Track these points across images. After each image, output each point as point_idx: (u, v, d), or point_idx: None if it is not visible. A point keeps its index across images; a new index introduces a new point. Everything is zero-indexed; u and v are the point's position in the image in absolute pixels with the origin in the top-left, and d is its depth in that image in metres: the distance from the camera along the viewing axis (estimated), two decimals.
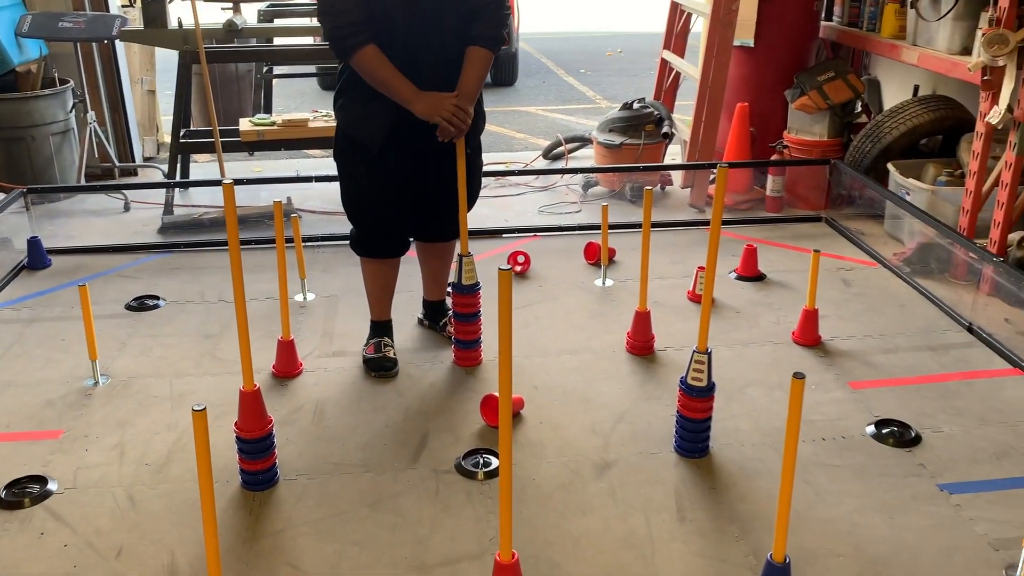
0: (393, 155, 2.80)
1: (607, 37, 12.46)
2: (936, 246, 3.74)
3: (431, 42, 2.66)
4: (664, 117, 4.96)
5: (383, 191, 2.87)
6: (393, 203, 2.91)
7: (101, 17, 4.81)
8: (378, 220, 2.95)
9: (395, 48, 2.64)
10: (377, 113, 2.72)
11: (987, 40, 3.38)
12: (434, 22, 2.65)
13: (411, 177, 2.88)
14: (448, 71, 2.71)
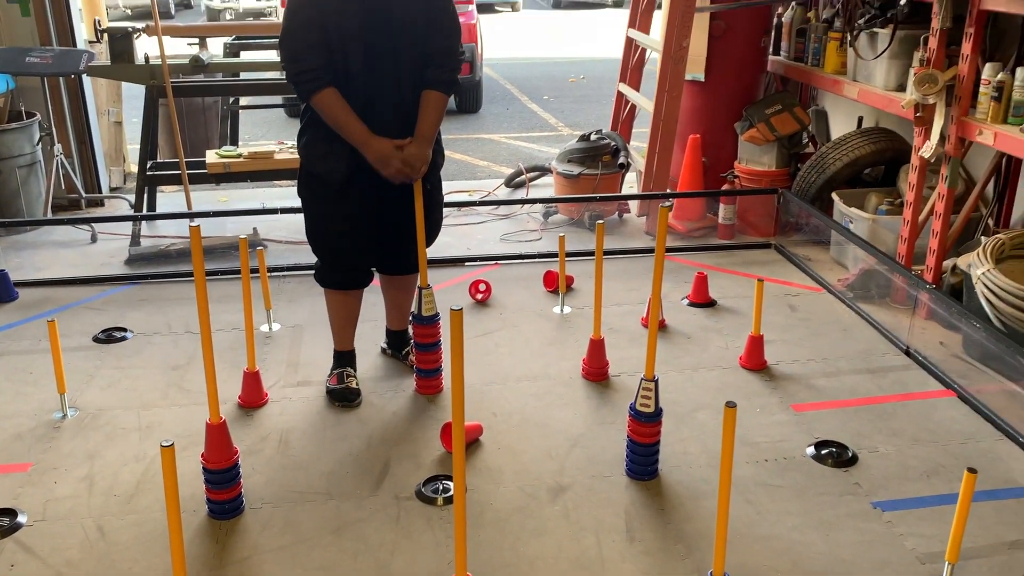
0: (354, 191, 2.93)
1: (571, 63, 12.69)
2: (877, 272, 3.93)
3: (387, 85, 2.81)
4: (620, 148, 5.13)
5: (345, 225, 2.99)
6: (355, 237, 3.02)
7: (68, 52, 4.89)
8: (340, 253, 3.06)
9: (353, 90, 2.78)
10: (338, 150, 2.85)
11: (918, 79, 3.59)
12: (390, 67, 2.79)
13: (373, 212, 3.01)
14: (404, 112, 2.85)
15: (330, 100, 2.75)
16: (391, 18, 2.75)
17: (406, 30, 2.77)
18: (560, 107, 9.48)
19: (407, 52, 2.79)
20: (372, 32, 2.74)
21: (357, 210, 2.97)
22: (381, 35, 2.75)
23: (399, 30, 2.76)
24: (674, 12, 4.60)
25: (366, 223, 3.01)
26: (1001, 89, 3.34)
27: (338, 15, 2.71)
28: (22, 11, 5.06)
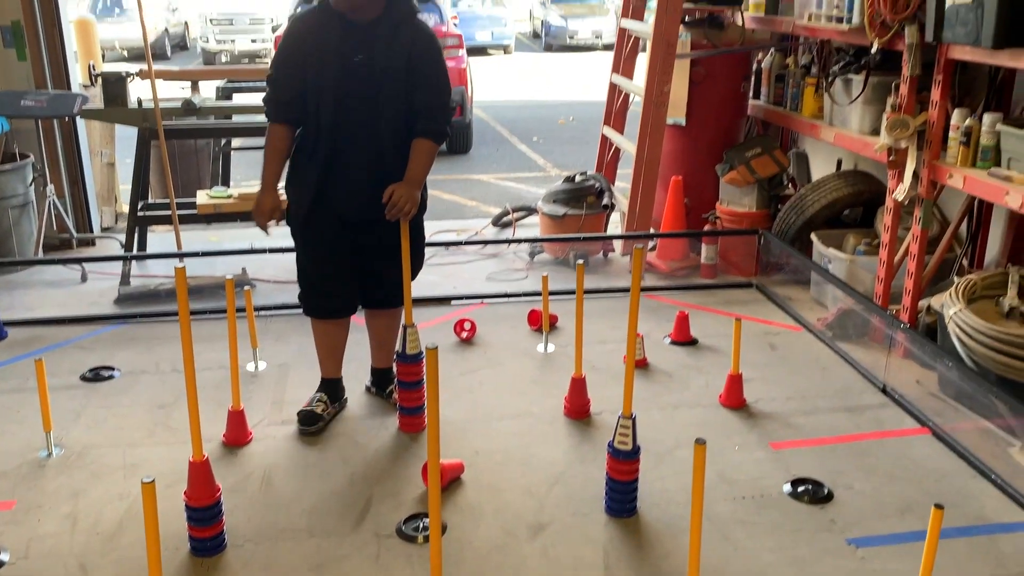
0: (318, 222, 3.07)
1: (561, 105, 12.88)
2: (855, 312, 4.00)
3: (361, 135, 2.95)
4: (605, 189, 5.23)
5: (315, 255, 3.15)
6: (325, 267, 3.16)
7: (62, 95, 4.98)
8: (314, 281, 3.21)
9: (322, 134, 2.95)
10: (305, 182, 3.02)
11: (890, 125, 3.70)
12: (366, 118, 2.93)
13: (341, 244, 3.13)
14: (380, 162, 2.97)
15: (272, 134, 3.00)
16: (371, 72, 2.88)
17: (386, 84, 2.90)
18: (549, 148, 9.61)
19: (386, 105, 2.92)
20: (348, 84, 2.89)
21: (322, 241, 3.11)
22: (358, 87, 2.89)
23: (378, 84, 2.90)
24: (655, 58, 4.72)
25: (335, 255, 3.13)
26: (969, 134, 3.45)
27: (318, 63, 2.88)
28: (18, 56, 5.16)
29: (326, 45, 2.88)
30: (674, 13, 4.69)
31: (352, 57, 2.88)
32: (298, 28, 2.98)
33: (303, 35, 2.94)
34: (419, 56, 2.92)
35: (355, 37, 2.89)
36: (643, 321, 4.18)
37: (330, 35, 2.89)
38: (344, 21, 2.90)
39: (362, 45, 2.89)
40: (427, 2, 9.77)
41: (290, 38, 2.98)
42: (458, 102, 8.75)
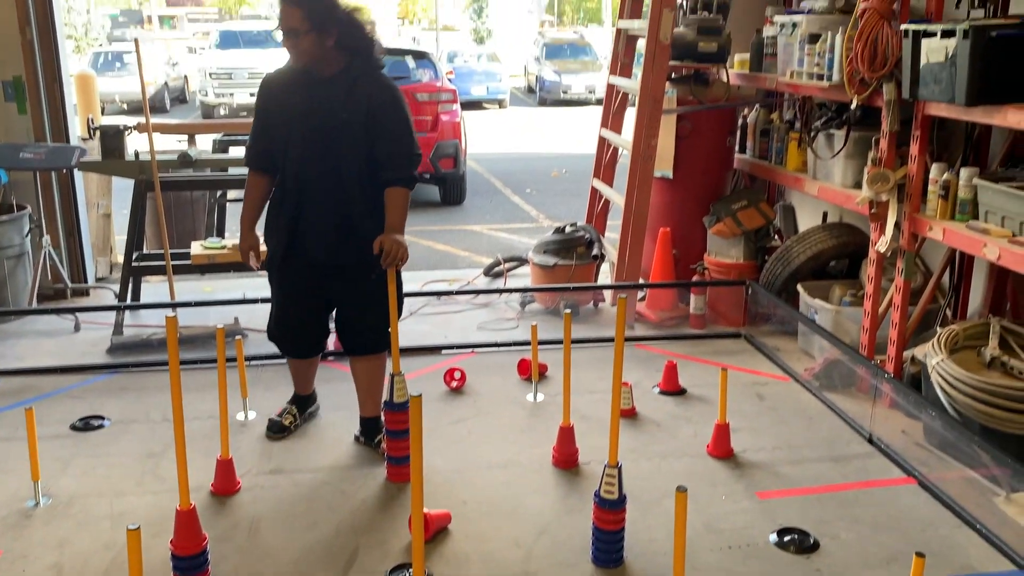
0: (290, 268, 3.29)
1: (554, 158, 13.06)
2: (841, 363, 4.04)
3: (325, 179, 3.14)
4: (594, 240, 5.30)
5: (285, 299, 3.39)
6: (293, 311, 3.38)
7: (61, 148, 5.07)
8: (281, 323, 3.44)
9: (288, 180, 3.19)
10: (277, 229, 3.26)
11: (871, 178, 3.78)
12: (331, 164, 3.13)
13: (311, 290, 3.32)
14: (346, 205, 3.15)
15: (249, 181, 3.30)
16: (331, 125, 3.10)
17: (345, 136, 3.11)
18: (542, 200, 9.74)
19: (348, 155, 3.12)
20: (310, 136, 3.12)
21: (294, 286, 3.34)
22: (320, 139, 3.11)
23: (338, 135, 3.11)
24: (642, 114, 4.84)
25: (306, 299, 3.35)
26: (948, 188, 3.53)
27: (282, 118, 3.16)
28: (19, 109, 5.26)
29: (290, 100, 3.13)
30: (660, 70, 4.82)
31: (314, 111, 3.10)
32: (267, 85, 3.25)
33: (271, 91, 3.21)
34: (379, 108, 3.09)
35: (317, 92, 3.11)
36: (632, 370, 4.22)
37: (294, 91, 3.14)
38: (308, 77, 3.12)
39: (323, 99, 3.10)
40: (422, 58, 9.98)
41: (260, 94, 3.25)
42: (452, 153, 8.90)
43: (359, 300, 3.28)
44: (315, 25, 3.02)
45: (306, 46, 3.05)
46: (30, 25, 5.18)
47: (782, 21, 4.59)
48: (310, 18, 3.01)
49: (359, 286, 3.24)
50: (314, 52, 3.06)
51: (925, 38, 3.37)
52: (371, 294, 3.20)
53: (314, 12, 3.02)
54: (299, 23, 3.01)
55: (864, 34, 3.65)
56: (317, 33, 3.03)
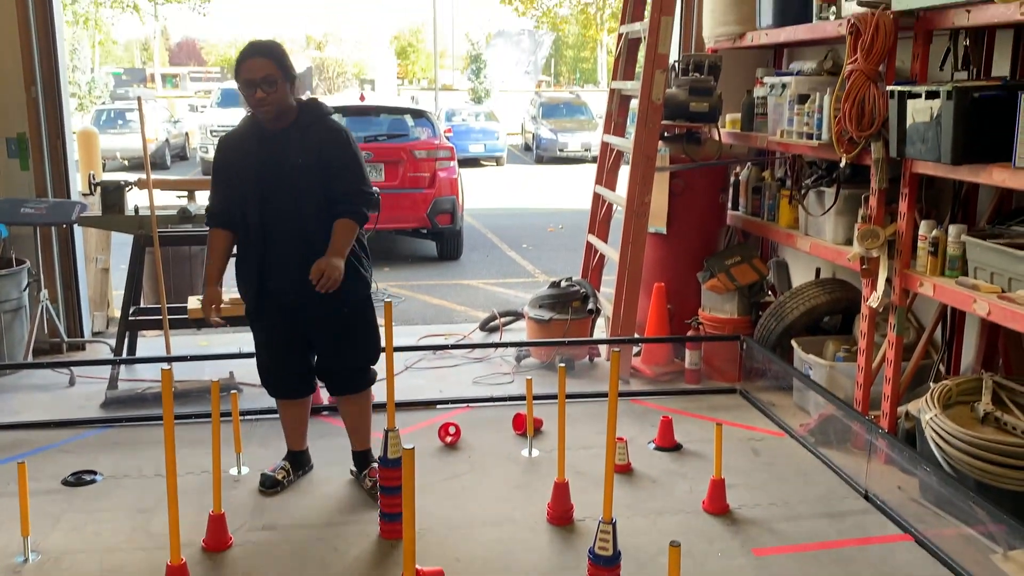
0: (264, 313, 3.45)
1: (551, 213, 13.19)
2: (836, 418, 4.04)
3: (285, 220, 3.30)
4: (590, 294, 5.34)
5: (266, 343, 3.53)
6: (275, 353, 3.51)
7: (62, 203, 5.13)
8: (268, 366, 3.57)
9: (252, 224, 3.33)
10: (248, 278, 3.41)
11: (861, 235, 3.84)
12: (289, 206, 3.30)
13: (287, 332, 3.46)
14: (307, 243, 3.29)
15: (212, 238, 3.43)
16: (287, 171, 3.28)
17: (302, 180, 3.28)
18: (539, 255, 9.80)
19: (306, 198, 3.29)
20: (268, 184, 3.29)
21: (270, 330, 3.49)
22: (278, 186, 3.29)
23: (295, 180, 3.28)
24: (636, 171, 4.92)
25: (284, 342, 3.48)
26: (937, 244, 3.58)
27: (240, 171, 3.32)
28: (22, 165, 5.33)
29: (247, 154, 3.32)
30: (653, 129, 4.92)
31: (271, 159, 3.28)
32: (225, 144, 3.44)
33: (227, 149, 3.41)
34: (330, 151, 3.30)
35: (272, 143, 3.30)
36: (628, 426, 4.21)
37: (250, 145, 3.33)
38: (262, 130, 3.32)
39: (278, 149, 3.29)
40: (421, 117, 10.15)
41: (218, 154, 3.44)
42: (450, 209, 8.99)
43: (334, 340, 3.45)
44: (285, 74, 3.24)
45: (281, 94, 3.23)
46: (35, 83, 5.28)
47: (772, 82, 4.70)
48: (280, 67, 3.23)
49: (332, 325, 3.41)
50: (285, 100, 3.26)
51: (910, 99, 3.45)
52: (345, 333, 3.42)
53: (281, 61, 3.25)
54: (274, 71, 3.21)
55: (851, 95, 3.74)
56: (286, 81, 3.25)
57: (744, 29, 5.05)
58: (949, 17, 3.36)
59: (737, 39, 5.13)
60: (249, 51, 3.24)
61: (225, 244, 3.43)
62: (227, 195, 3.38)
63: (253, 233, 3.34)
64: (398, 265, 9.12)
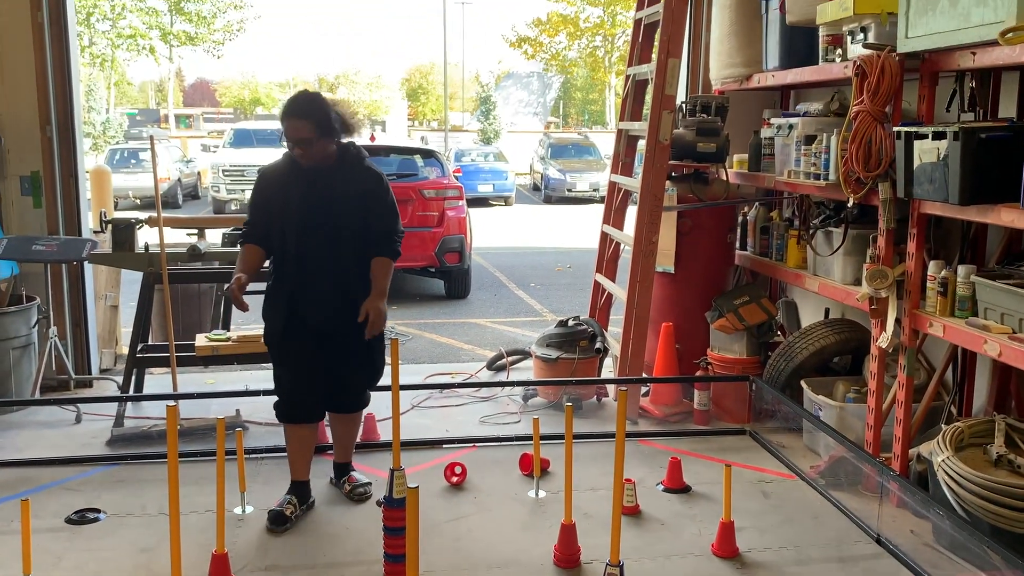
0: (292, 336, 3.62)
1: (559, 252, 13.23)
2: (846, 460, 3.99)
3: (322, 251, 3.54)
4: (597, 333, 5.32)
5: (290, 367, 3.68)
6: (299, 377, 3.66)
7: (73, 241, 5.17)
8: (288, 390, 3.70)
9: (288, 252, 3.56)
10: (277, 307, 3.62)
11: (869, 275, 3.82)
12: (326, 238, 3.53)
13: (313, 355, 3.63)
14: (342, 273, 3.57)
15: (245, 252, 3.63)
16: (331, 207, 3.54)
17: (342, 211, 3.55)
18: (546, 294, 9.81)
19: (345, 232, 3.56)
20: (311, 218, 3.54)
21: (295, 356, 3.65)
22: (321, 220, 3.53)
23: (338, 216, 3.54)
24: (643, 210, 4.93)
25: (308, 366, 3.65)
26: (946, 285, 3.56)
27: (283, 204, 3.55)
28: (35, 203, 5.39)
29: (290, 190, 3.55)
30: (661, 169, 4.94)
31: (314, 198, 3.52)
32: (266, 177, 3.68)
33: (269, 182, 3.64)
34: (371, 192, 3.61)
35: (316, 181, 3.55)
36: (636, 467, 4.17)
37: (293, 181, 3.56)
38: (304, 169, 3.56)
39: (322, 188, 3.54)
40: (430, 157, 10.24)
41: (260, 185, 3.67)
42: (458, 248, 9.02)
43: (355, 364, 3.70)
44: (322, 133, 3.48)
45: (317, 151, 3.51)
46: (50, 123, 5.35)
47: (779, 123, 4.72)
48: (318, 127, 3.47)
49: (353, 347, 3.62)
50: (322, 155, 3.54)
51: (917, 139, 3.46)
52: (365, 359, 3.71)
53: (320, 122, 3.48)
54: (309, 133, 3.46)
55: (858, 136, 3.75)
56: (324, 139, 3.50)
57: (751, 71, 5.09)
58: (955, 59, 3.38)
59: (744, 81, 5.17)
60: (290, 111, 3.49)
61: (257, 258, 3.63)
62: (264, 222, 3.60)
63: (290, 263, 3.57)
64: (406, 303, 9.13)
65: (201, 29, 34.56)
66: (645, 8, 5.50)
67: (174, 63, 37.78)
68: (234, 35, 35.32)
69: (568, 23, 36.87)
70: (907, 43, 3.52)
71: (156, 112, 46.58)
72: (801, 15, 4.40)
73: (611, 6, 35.59)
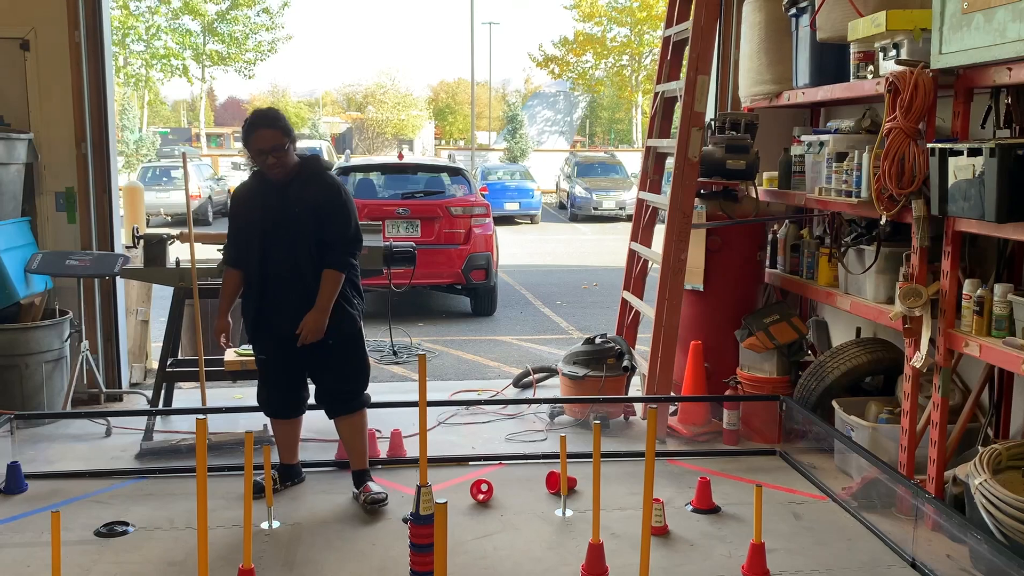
0: (260, 340, 3.94)
1: (585, 270, 13.20)
2: (879, 482, 3.91)
3: (283, 264, 3.77)
4: (625, 351, 5.28)
5: (263, 366, 4.00)
6: (269, 376, 3.99)
7: (105, 256, 5.23)
8: (264, 387, 4.05)
9: (254, 267, 3.82)
10: (248, 309, 3.90)
11: (903, 293, 3.77)
12: (286, 251, 3.76)
13: (280, 358, 3.91)
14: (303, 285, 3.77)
15: (226, 278, 3.97)
16: (287, 217, 3.74)
17: (299, 225, 3.74)
18: (572, 312, 9.78)
19: (301, 241, 3.75)
20: (270, 228, 3.76)
21: (266, 355, 3.94)
22: (278, 230, 3.76)
23: (293, 225, 3.73)
24: (672, 228, 4.90)
25: (277, 366, 3.94)
26: (982, 304, 3.50)
27: (247, 216, 3.84)
28: (69, 219, 5.48)
29: (255, 204, 3.81)
30: (689, 186, 4.92)
31: (273, 209, 3.75)
32: (237, 195, 3.96)
33: (240, 200, 3.91)
34: (324, 202, 3.77)
35: (275, 194, 3.77)
36: (664, 487, 4.12)
37: (257, 196, 3.82)
38: (267, 184, 3.80)
39: (280, 199, 3.76)
40: (457, 174, 10.29)
41: (232, 204, 3.99)
42: (484, 265, 9.03)
43: (326, 368, 3.91)
44: (290, 138, 3.76)
45: (287, 158, 3.75)
46: (86, 140, 5.44)
47: (809, 140, 4.69)
48: (286, 134, 3.74)
49: (322, 355, 3.84)
50: (290, 161, 3.76)
51: (952, 156, 3.41)
52: (335, 362, 3.89)
53: (286, 128, 3.77)
54: (281, 139, 3.71)
55: (891, 152, 3.71)
56: (291, 144, 3.77)
57: (780, 88, 5.06)
58: (989, 75, 3.34)
59: (774, 98, 5.15)
60: (257, 123, 3.74)
61: (236, 282, 3.94)
62: (237, 240, 3.89)
63: (254, 273, 3.82)
64: (432, 320, 9.14)
65: (233, 49, 35.11)
66: (674, 26, 5.49)
67: (206, 83, 38.37)
68: (265, 56, 35.82)
69: (595, 43, 36.98)
70: (941, 59, 3.48)
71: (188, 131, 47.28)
72: (832, 32, 4.37)
73: (638, 25, 35.65)
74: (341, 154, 29.50)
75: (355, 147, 43.92)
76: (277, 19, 35.08)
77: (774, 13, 5.03)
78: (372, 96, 49.89)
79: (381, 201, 9.33)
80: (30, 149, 5.33)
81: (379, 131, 47.76)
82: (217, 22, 34.30)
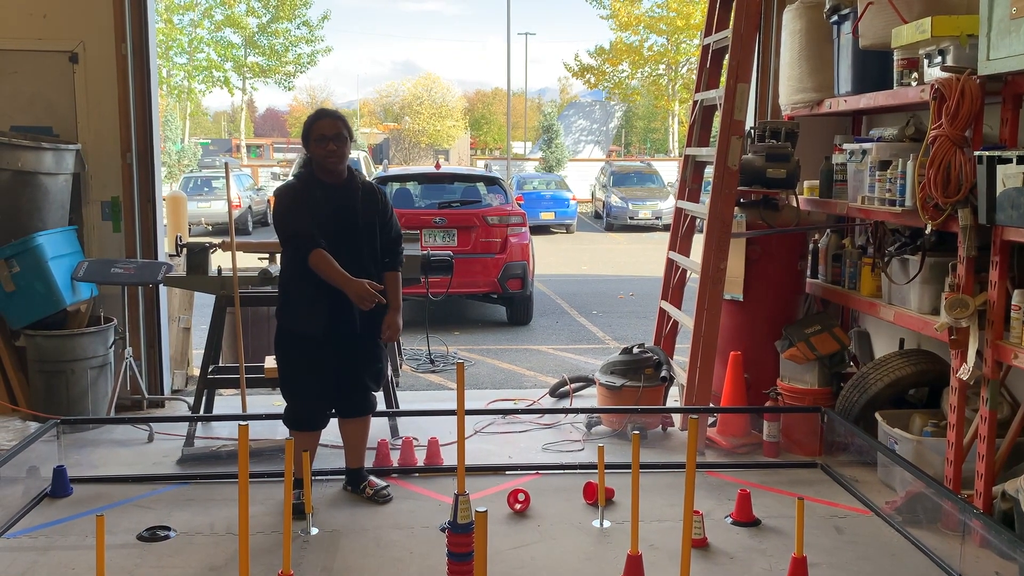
0: (331, 340, 3.91)
1: (621, 280, 13.14)
2: (925, 496, 3.83)
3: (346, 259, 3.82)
4: (663, 361, 5.24)
5: (318, 372, 3.94)
6: (322, 382, 3.96)
7: (149, 264, 5.33)
8: (309, 396, 3.97)
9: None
10: (320, 310, 3.85)
11: (949, 304, 3.69)
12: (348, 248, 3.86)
13: (341, 359, 3.95)
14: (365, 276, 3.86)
15: (322, 256, 3.79)
16: (355, 218, 3.90)
17: (366, 225, 3.94)
18: (608, 322, 9.73)
19: (366, 240, 3.94)
20: (337, 228, 3.85)
21: (329, 358, 3.94)
22: (345, 229, 3.87)
23: (360, 226, 3.92)
24: (711, 237, 4.86)
25: (333, 370, 3.96)
26: None
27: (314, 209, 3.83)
28: (114, 227, 5.59)
29: (316, 202, 3.84)
30: (729, 195, 4.87)
31: (342, 212, 3.86)
32: (293, 190, 3.91)
33: (299, 195, 3.88)
34: (384, 205, 4.02)
35: (337, 195, 3.89)
36: (703, 499, 4.08)
37: (319, 197, 3.86)
38: (324, 185, 3.88)
39: (347, 202, 3.89)
40: (493, 184, 10.31)
41: (292, 196, 3.88)
42: (520, 274, 9.03)
43: (365, 362, 4.03)
44: (350, 135, 3.92)
45: (346, 150, 3.90)
46: (131, 151, 5.55)
47: (851, 148, 4.62)
48: (347, 129, 3.90)
49: (364, 349, 4.00)
50: (347, 156, 3.92)
51: (1000, 164, 3.35)
52: (378, 362, 4.07)
53: (347, 125, 3.93)
54: (344, 130, 3.87)
55: (936, 160, 3.65)
56: (350, 141, 3.93)
57: (822, 96, 5.01)
58: None
59: (815, 106, 5.09)
60: (323, 113, 3.96)
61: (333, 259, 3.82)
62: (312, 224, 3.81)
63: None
64: (468, 329, 9.15)
65: (273, 62, 35.65)
66: (713, 34, 5.46)
67: (247, 94, 38.99)
68: (305, 68, 36.33)
69: (632, 52, 36.90)
70: (988, 65, 3.41)
71: (228, 142, 48.02)
72: (875, 39, 4.31)
73: (675, 34, 35.50)
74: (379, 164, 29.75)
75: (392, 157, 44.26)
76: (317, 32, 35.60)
77: (815, 20, 4.98)
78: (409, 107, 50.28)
79: (418, 211, 9.39)
80: (78, 160, 5.46)
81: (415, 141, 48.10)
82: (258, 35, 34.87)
